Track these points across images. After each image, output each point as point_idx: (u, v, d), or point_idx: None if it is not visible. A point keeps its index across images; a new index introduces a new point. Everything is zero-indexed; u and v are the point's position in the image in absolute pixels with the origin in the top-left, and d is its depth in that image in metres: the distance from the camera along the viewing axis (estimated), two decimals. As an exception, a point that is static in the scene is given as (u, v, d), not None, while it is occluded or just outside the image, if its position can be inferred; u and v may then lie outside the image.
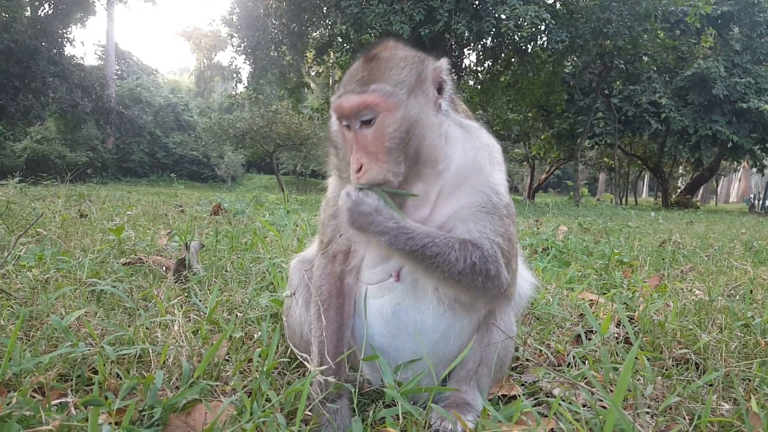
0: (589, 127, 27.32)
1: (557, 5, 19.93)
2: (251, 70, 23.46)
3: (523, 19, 16.56)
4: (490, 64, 24.76)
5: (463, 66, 25.79)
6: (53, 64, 27.64)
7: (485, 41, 21.83)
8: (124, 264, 3.32)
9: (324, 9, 20.46)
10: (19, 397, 1.41)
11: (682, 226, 10.85)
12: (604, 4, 18.59)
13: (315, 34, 23.16)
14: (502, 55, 22.81)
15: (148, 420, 1.49)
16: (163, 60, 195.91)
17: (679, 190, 38.35)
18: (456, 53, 24.00)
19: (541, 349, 2.26)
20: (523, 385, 1.97)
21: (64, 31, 28.95)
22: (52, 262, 3.05)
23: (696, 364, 2.14)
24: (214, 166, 44.04)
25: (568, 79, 27.42)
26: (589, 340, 2.34)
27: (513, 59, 22.93)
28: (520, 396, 1.80)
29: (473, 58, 25.70)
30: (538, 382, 1.94)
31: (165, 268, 3.32)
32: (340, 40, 22.02)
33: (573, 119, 29.14)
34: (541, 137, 33.79)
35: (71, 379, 1.71)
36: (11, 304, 2.29)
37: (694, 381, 1.91)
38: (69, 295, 2.48)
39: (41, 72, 26.86)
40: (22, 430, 1.31)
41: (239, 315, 2.50)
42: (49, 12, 28.24)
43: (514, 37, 18.08)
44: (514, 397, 1.84)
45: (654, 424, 1.64)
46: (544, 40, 18.99)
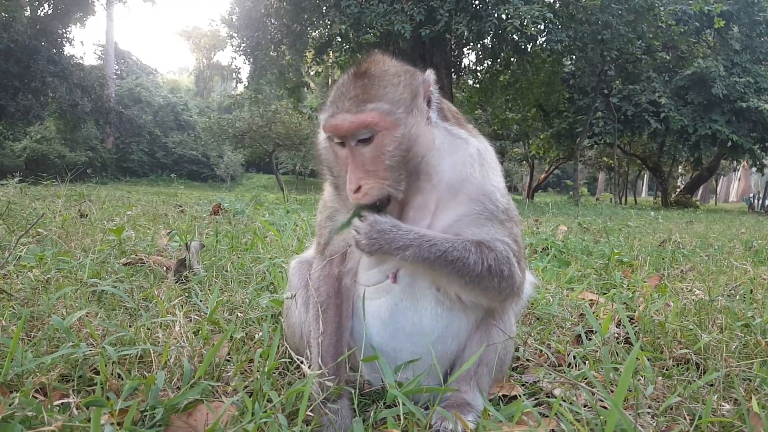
0: (589, 127, 27.30)
1: (557, 5, 19.94)
2: (251, 69, 23.45)
3: (526, 18, 16.54)
4: (490, 63, 24.76)
5: (462, 65, 25.80)
6: (53, 63, 27.61)
7: (485, 41, 21.83)
8: (124, 264, 3.32)
9: (324, 9, 20.45)
10: (22, 398, 1.42)
11: (682, 225, 10.85)
12: (604, 3, 18.59)
13: (314, 34, 23.16)
14: (502, 55, 22.82)
15: (150, 420, 1.49)
16: (163, 60, 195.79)
17: (678, 190, 38.36)
18: (455, 53, 24.02)
19: (542, 350, 2.26)
20: (523, 385, 1.97)
21: (64, 30, 28.91)
22: (53, 263, 3.06)
23: (696, 364, 2.14)
24: (213, 166, 44.03)
25: (568, 79, 27.41)
26: (590, 340, 2.34)
27: (512, 59, 22.94)
28: (520, 396, 1.80)
29: (472, 57, 25.71)
30: (539, 382, 1.95)
31: (165, 269, 3.32)
32: (340, 40, 22.02)
33: (572, 119, 29.13)
34: (541, 137, 33.78)
35: (73, 380, 1.71)
36: (12, 305, 2.29)
37: (695, 381, 1.92)
38: (70, 295, 2.48)
39: (41, 72, 26.84)
40: (24, 431, 1.32)
41: (240, 315, 2.50)
42: (49, 12, 28.21)
43: (515, 36, 18.07)
44: (515, 398, 1.84)
45: (655, 425, 1.65)
46: (543, 39, 18.98)
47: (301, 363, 1.69)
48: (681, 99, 27.49)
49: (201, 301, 2.65)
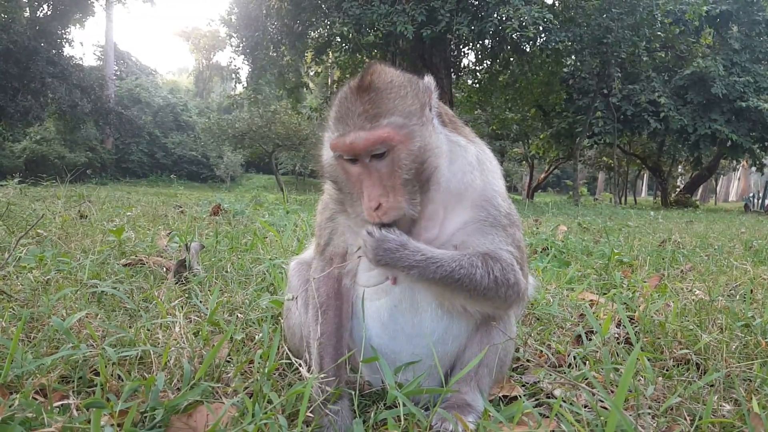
0: (588, 127, 27.30)
1: (556, 4, 19.95)
2: (250, 70, 23.44)
3: (526, 19, 16.55)
4: (489, 63, 24.76)
5: (461, 65, 25.80)
6: (52, 64, 27.61)
7: (485, 41, 21.84)
8: (124, 265, 3.32)
9: (325, 9, 20.44)
10: (22, 399, 1.42)
11: (682, 225, 10.86)
12: (603, 6, 18.59)
13: (314, 34, 23.15)
14: (502, 55, 22.82)
15: (150, 422, 1.49)
16: (162, 60, 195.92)
17: (678, 189, 38.36)
18: (455, 53, 24.02)
19: (542, 350, 2.26)
20: (524, 385, 1.97)
21: (63, 31, 28.91)
22: (53, 264, 3.06)
23: (697, 364, 2.14)
24: (213, 166, 44.03)
25: (567, 79, 27.42)
26: (590, 340, 2.34)
27: (512, 59, 22.94)
28: (521, 397, 1.80)
29: (472, 57, 25.69)
30: (539, 382, 1.94)
31: (165, 269, 3.32)
32: (339, 40, 22.00)
33: (572, 118, 29.13)
34: (540, 136, 33.79)
35: (73, 381, 1.71)
36: (12, 306, 2.29)
37: (695, 381, 1.91)
38: (70, 296, 2.48)
39: (40, 73, 26.83)
40: (24, 433, 1.32)
41: (240, 316, 2.50)
42: (48, 13, 28.19)
43: (515, 37, 18.07)
44: (515, 398, 1.84)
45: (655, 425, 1.64)
46: (543, 40, 18.97)
47: (299, 366, 1.69)
48: (680, 99, 27.50)
49: (201, 302, 2.65)
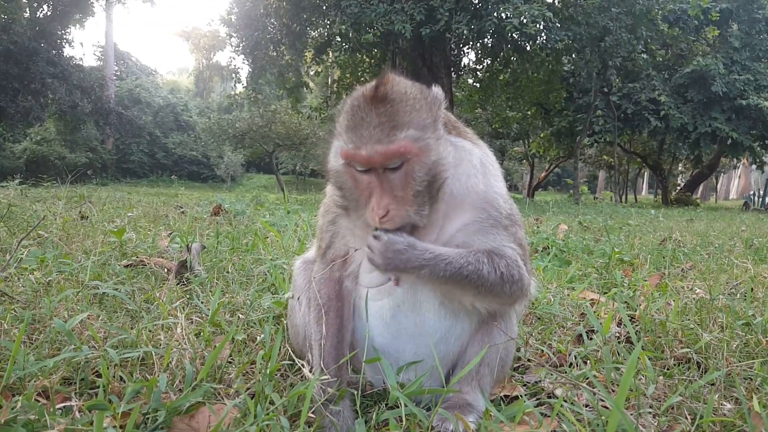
0: (589, 125, 27.31)
1: (556, 4, 19.94)
2: (250, 69, 23.45)
3: (525, 17, 16.55)
4: (490, 62, 24.76)
5: (462, 64, 25.79)
6: (52, 65, 27.61)
7: (485, 40, 21.83)
8: (125, 266, 3.32)
9: (324, 8, 20.44)
10: (24, 402, 1.42)
11: (682, 223, 10.85)
12: (603, 5, 18.57)
13: (314, 34, 23.15)
14: (502, 54, 22.81)
15: (152, 423, 1.49)
16: (162, 60, 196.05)
17: (678, 188, 38.35)
18: (455, 52, 24.01)
19: (543, 349, 2.26)
20: (525, 385, 1.97)
21: (63, 32, 28.91)
22: (54, 265, 3.06)
23: (698, 363, 2.14)
24: (213, 166, 44.05)
25: (567, 77, 27.42)
26: (591, 339, 2.35)
27: (512, 57, 22.93)
28: (522, 396, 1.80)
29: (472, 56, 25.72)
30: (540, 382, 1.95)
31: (167, 270, 3.32)
32: (339, 40, 22.01)
33: (572, 117, 29.15)
34: (541, 135, 33.81)
35: (75, 383, 1.72)
36: (14, 308, 2.29)
37: (696, 380, 1.92)
38: (71, 298, 2.48)
39: (40, 73, 26.84)
40: (27, 435, 1.32)
41: (241, 317, 2.50)
42: (48, 13, 28.19)
43: (515, 35, 18.07)
44: (516, 398, 1.84)
45: (656, 424, 1.65)
46: (543, 39, 18.97)
47: (302, 366, 1.69)
48: (681, 97, 27.50)
49: (202, 302, 2.65)
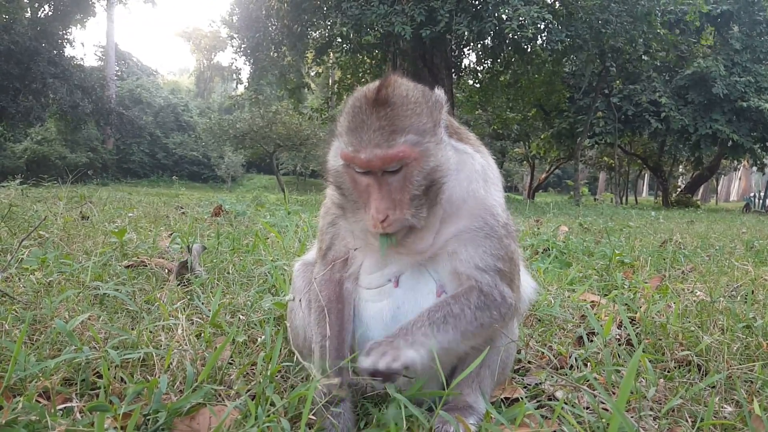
0: (589, 127, 27.33)
1: (557, 5, 19.95)
2: (251, 70, 23.48)
3: (525, 19, 16.56)
4: (490, 63, 24.77)
5: (462, 65, 25.80)
6: (53, 65, 27.64)
7: (485, 41, 21.84)
8: (126, 267, 3.32)
9: (324, 10, 20.46)
10: (25, 402, 1.42)
11: (683, 225, 10.85)
12: (603, 4, 18.59)
13: (315, 35, 23.17)
14: (502, 55, 22.83)
15: (153, 424, 1.49)
16: (163, 61, 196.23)
17: (679, 189, 38.36)
18: (456, 53, 24.02)
19: (544, 352, 2.26)
20: (525, 387, 1.97)
21: (64, 32, 28.93)
22: (55, 266, 3.06)
23: (698, 365, 2.14)
24: (214, 167, 44.06)
25: (568, 79, 27.44)
26: (591, 341, 2.35)
27: (513, 59, 22.95)
28: (522, 399, 1.80)
29: (473, 57, 25.72)
30: (541, 384, 1.95)
31: (167, 271, 3.33)
32: (340, 41, 22.03)
33: (573, 118, 29.17)
34: (541, 136, 33.82)
35: (76, 384, 1.72)
36: (15, 308, 2.29)
37: (697, 383, 1.92)
38: (72, 298, 2.48)
39: (41, 73, 26.86)
40: (28, 436, 1.32)
41: (242, 318, 2.51)
42: (49, 13, 28.23)
43: (515, 37, 18.08)
44: (517, 400, 1.84)
45: (657, 427, 1.65)
46: (544, 39, 18.98)
47: (307, 366, 1.70)
48: (681, 98, 27.52)
49: (203, 303, 2.65)
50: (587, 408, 1.76)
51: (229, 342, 1.93)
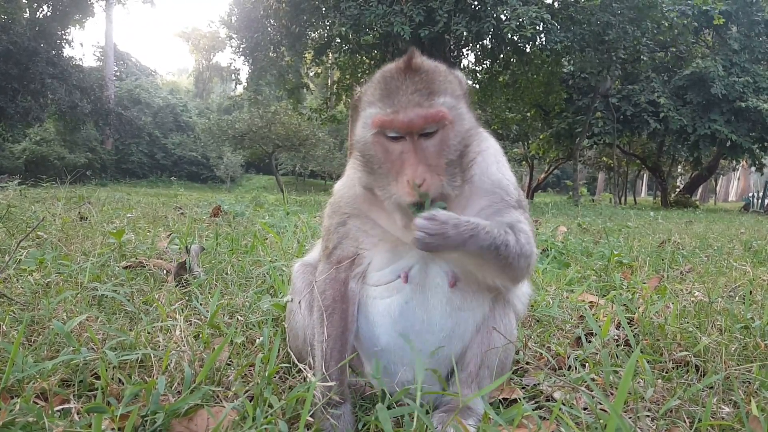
0: (588, 127, 27.34)
1: (556, 5, 19.95)
2: (250, 71, 23.46)
3: (524, 19, 16.56)
4: (489, 64, 24.77)
5: (461, 66, 25.79)
6: (52, 65, 27.61)
7: (484, 41, 21.85)
8: (124, 267, 3.32)
9: (323, 10, 20.45)
10: (23, 404, 1.42)
11: (682, 225, 10.86)
12: (604, 3, 18.58)
13: (314, 35, 23.16)
14: (501, 56, 22.82)
15: (151, 426, 1.49)
16: (162, 61, 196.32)
17: (678, 190, 38.38)
18: (454, 53, 24.02)
19: (542, 352, 2.26)
20: (524, 388, 1.98)
21: (63, 32, 28.92)
22: (53, 266, 3.06)
23: (696, 366, 2.14)
24: (213, 167, 44.04)
25: (567, 79, 27.44)
26: (590, 342, 2.35)
27: (512, 59, 22.94)
28: (521, 399, 1.81)
29: (472, 58, 25.70)
30: (539, 385, 1.95)
31: (166, 272, 3.32)
32: (339, 41, 22.01)
33: (572, 119, 29.18)
34: (540, 137, 33.81)
35: (74, 385, 1.72)
36: (13, 309, 2.29)
37: (695, 384, 1.92)
38: (70, 299, 2.48)
39: (40, 73, 26.84)
40: (25, 438, 1.32)
41: (240, 319, 2.50)
42: (48, 13, 28.22)
43: (514, 37, 18.07)
44: (515, 401, 1.84)
45: (654, 428, 1.65)
46: (542, 40, 18.97)
47: (305, 369, 1.70)
48: (680, 99, 27.52)
49: (201, 304, 2.65)
50: (585, 409, 1.76)
51: (227, 343, 1.93)
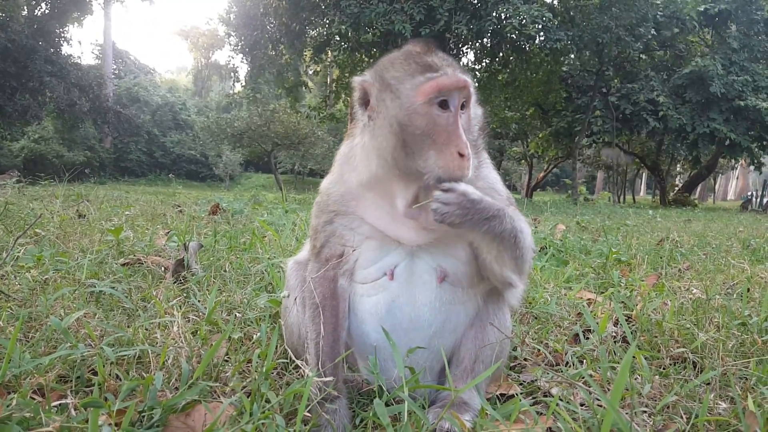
0: (587, 126, 27.34)
1: (555, 3, 19.96)
2: (249, 69, 23.47)
3: (525, 18, 16.56)
4: (488, 62, 24.77)
5: (461, 64, 25.75)
6: (50, 63, 27.55)
7: (484, 40, 21.85)
8: (122, 264, 3.32)
9: (323, 8, 20.44)
10: (19, 399, 1.42)
11: (680, 224, 10.87)
12: (604, 3, 18.58)
13: (313, 33, 23.15)
14: (501, 54, 22.83)
15: (148, 421, 1.49)
16: (161, 59, 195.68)
17: (677, 188, 38.41)
18: (454, 51, 24.01)
19: (539, 349, 2.26)
20: (521, 384, 1.98)
21: (61, 30, 28.85)
22: (51, 263, 3.06)
23: (693, 362, 2.15)
24: (212, 165, 44.01)
25: (566, 78, 27.44)
26: (587, 339, 2.35)
27: (511, 58, 22.95)
28: (517, 395, 1.81)
29: (471, 56, 25.70)
30: (536, 381, 1.95)
31: (164, 269, 3.32)
32: (338, 39, 22.01)
33: (571, 117, 29.18)
34: (539, 135, 33.82)
35: (71, 381, 1.72)
36: (10, 306, 2.29)
37: (692, 380, 1.92)
38: (68, 296, 2.48)
39: (38, 71, 26.78)
40: (22, 432, 1.32)
41: (238, 315, 2.50)
42: (46, 11, 28.15)
43: (514, 36, 18.08)
44: (512, 396, 1.85)
45: (651, 423, 1.65)
46: (542, 39, 18.98)
47: (301, 365, 1.70)
48: (679, 97, 27.52)
49: (199, 301, 2.65)
50: (582, 404, 1.76)
51: (224, 339, 1.93)
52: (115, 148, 40.73)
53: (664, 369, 2.10)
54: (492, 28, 17.95)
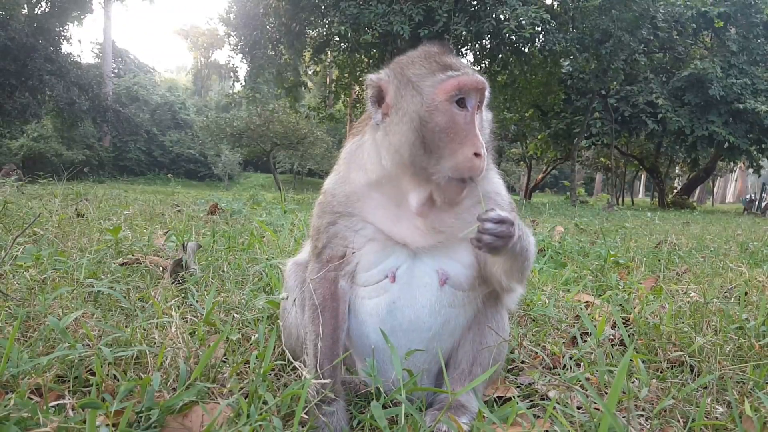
0: (586, 127, 27.36)
1: (554, 5, 19.97)
2: (248, 68, 23.44)
3: (523, 19, 16.57)
4: (488, 63, 24.77)
5: (461, 65, 25.75)
6: (50, 62, 27.50)
7: (483, 41, 21.85)
8: (121, 264, 3.32)
9: (322, 8, 20.44)
10: (17, 399, 1.42)
11: (679, 226, 10.88)
12: (604, 5, 18.59)
13: (313, 34, 23.14)
14: (500, 55, 22.83)
15: (145, 422, 1.49)
16: (160, 58, 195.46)
17: (675, 191, 38.44)
18: (453, 53, 24.01)
19: (537, 351, 2.27)
20: (518, 387, 1.98)
21: (61, 29, 28.78)
22: (50, 263, 3.05)
23: (691, 366, 2.15)
24: (211, 165, 43.98)
25: (565, 79, 27.46)
26: (585, 342, 2.35)
27: (510, 59, 22.95)
28: (515, 398, 1.81)
29: (470, 57, 25.69)
30: (534, 384, 1.95)
31: (162, 269, 3.32)
32: (338, 40, 22.00)
33: (570, 119, 29.21)
34: (538, 137, 33.83)
35: (69, 381, 1.72)
36: (9, 305, 2.29)
37: (689, 384, 1.93)
38: (66, 295, 2.48)
39: (38, 70, 26.72)
40: (19, 433, 1.32)
41: (236, 316, 2.50)
42: (46, 10, 28.09)
43: (512, 37, 18.07)
44: (509, 399, 1.85)
45: (648, 427, 1.66)
46: (541, 41, 18.99)
47: (300, 367, 1.70)
48: (678, 100, 27.56)
49: (197, 301, 2.65)
50: (579, 408, 1.77)
51: (222, 340, 1.93)
52: (114, 147, 40.70)
53: (661, 372, 2.11)
54: (491, 30, 17.95)
